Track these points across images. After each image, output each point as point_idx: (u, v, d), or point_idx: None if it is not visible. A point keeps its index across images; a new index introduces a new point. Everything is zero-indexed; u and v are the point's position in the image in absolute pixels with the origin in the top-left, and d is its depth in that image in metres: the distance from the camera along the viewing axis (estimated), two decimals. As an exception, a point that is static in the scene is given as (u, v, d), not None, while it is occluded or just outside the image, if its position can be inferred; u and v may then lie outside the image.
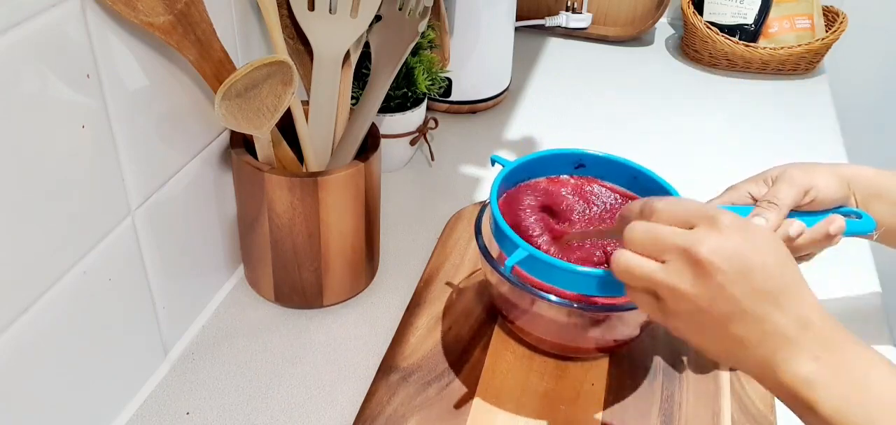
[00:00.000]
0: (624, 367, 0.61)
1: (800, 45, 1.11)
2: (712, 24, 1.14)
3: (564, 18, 1.21)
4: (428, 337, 0.63)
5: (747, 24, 1.14)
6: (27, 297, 0.44)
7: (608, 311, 0.56)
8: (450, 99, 0.98)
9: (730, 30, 1.14)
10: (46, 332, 0.46)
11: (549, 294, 0.55)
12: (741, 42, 1.12)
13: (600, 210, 0.63)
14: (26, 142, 0.42)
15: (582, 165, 0.65)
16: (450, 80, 0.95)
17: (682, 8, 1.18)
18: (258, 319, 0.65)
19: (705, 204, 0.46)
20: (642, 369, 0.61)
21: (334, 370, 0.61)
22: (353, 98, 0.68)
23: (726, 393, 0.59)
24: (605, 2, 1.22)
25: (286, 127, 0.64)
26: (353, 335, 0.64)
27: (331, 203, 0.60)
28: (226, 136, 0.64)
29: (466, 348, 0.62)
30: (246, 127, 0.56)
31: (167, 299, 0.59)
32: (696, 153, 0.95)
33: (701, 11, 1.17)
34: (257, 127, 0.56)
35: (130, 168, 0.52)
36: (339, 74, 0.65)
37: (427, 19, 0.68)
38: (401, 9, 0.67)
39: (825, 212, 0.57)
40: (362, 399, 0.58)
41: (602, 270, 0.52)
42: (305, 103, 0.66)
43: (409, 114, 0.83)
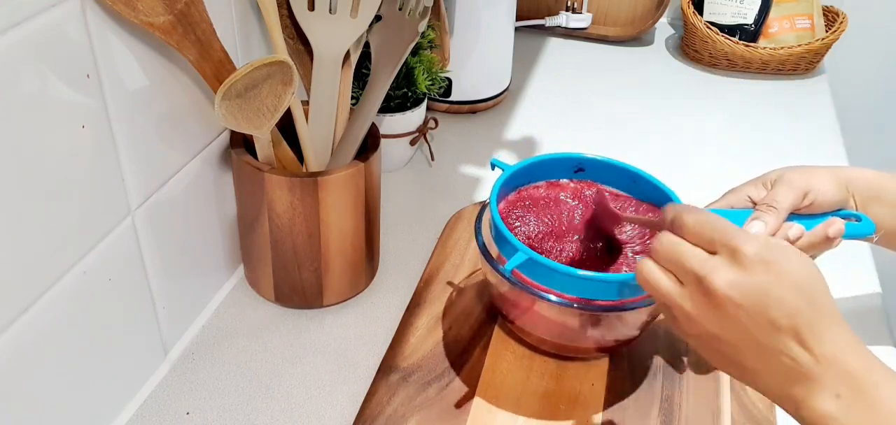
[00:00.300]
0: (624, 367, 0.61)
1: (800, 45, 1.11)
2: (712, 24, 1.14)
3: (564, 18, 1.21)
4: (428, 337, 0.63)
5: (747, 24, 1.14)
6: (27, 297, 0.44)
7: (608, 311, 0.56)
8: (450, 99, 0.98)
9: (730, 30, 1.14)
10: (46, 332, 0.46)
11: (549, 294, 0.55)
12: (741, 42, 1.12)
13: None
14: (26, 142, 0.42)
15: (581, 169, 0.65)
16: (450, 80, 0.95)
17: (682, 8, 1.18)
18: (258, 319, 0.65)
19: (736, 228, 0.44)
20: (642, 369, 0.61)
21: (334, 370, 0.61)
22: (353, 98, 0.68)
23: (726, 393, 0.59)
24: (605, 2, 1.22)
25: (286, 127, 0.64)
26: (353, 335, 0.64)
27: (331, 203, 0.60)
28: (226, 136, 0.64)
29: (466, 348, 0.62)
30: (246, 127, 0.56)
31: (167, 299, 0.59)
32: (696, 153, 0.95)
33: (701, 11, 1.17)
34: (257, 127, 0.56)
35: (130, 168, 0.52)
36: (339, 74, 0.65)
37: (427, 19, 0.68)
38: (401, 9, 0.67)
39: (824, 215, 0.57)
40: (362, 399, 0.58)
41: (601, 274, 0.53)
42: (305, 103, 0.66)
43: (409, 114, 0.83)
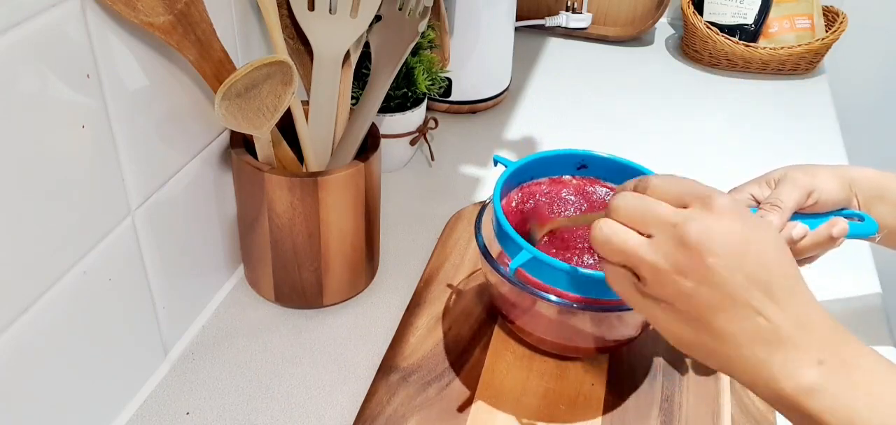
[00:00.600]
0: (624, 367, 0.61)
1: (800, 45, 1.11)
2: (712, 24, 1.14)
3: (564, 18, 1.21)
4: (428, 338, 0.63)
5: (747, 24, 1.14)
6: (27, 297, 0.44)
7: (608, 311, 0.56)
8: (450, 99, 0.98)
9: (730, 30, 1.14)
10: (46, 332, 0.46)
11: (549, 294, 0.55)
12: (741, 42, 1.12)
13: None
14: (26, 142, 0.42)
15: (584, 166, 0.65)
16: (450, 80, 0.95)
17: (682, 8, 1.18)
18: (258, 319, 0.65)
19: (704, 184, 0.41)
20: (642, 369, 0.61)
21: (334, 370, 0.61)
22: (353, 98, 0.68)
23: (726, 393, 0.59)
24: (605, 2, 1.22)
25: (286, 127, 0.64)
26: (353, 335, 0.64)
27: (331, 203, 0.60)
28: (226, 136, 0.64)
29: (466, 348, 0.62)
30: (246, 127, 0.56)
31: (167, 299, 0.59)
32: (696, 153, 0.95)
33: (701, 11, 1.17)
34: (257, 127, 0.56)
35: (130, 168, 0.52)
36: (339, 74, 0.65)
37: (427, 19, 0.68)
38: (401, 9, 0.67)
39: (827, 214, 0.56)
40: (362, 399, 0.58)
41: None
42: (305, 103, 0.66)
43: (409, 114, 0.83)
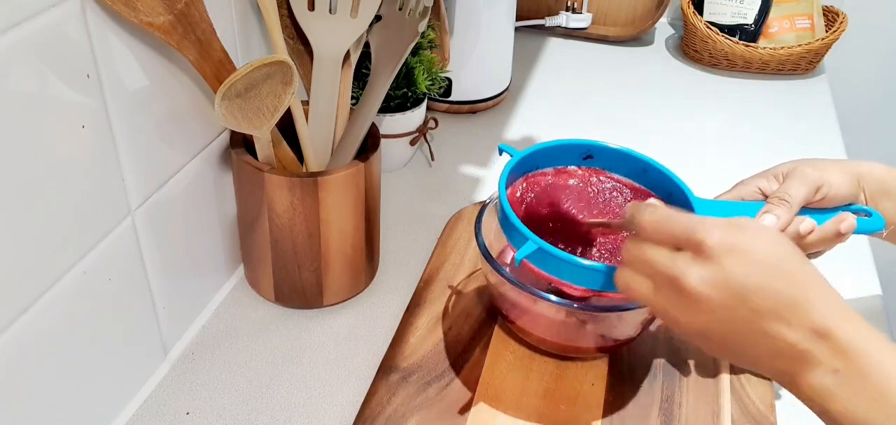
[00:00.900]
0: (624, 367, 0.61)
1: (800, 45, 1.11)
2: (712, 24, 1.14)
3: (564, 18, 1.21)
4: (428, 337, 0.63)
5: (747, 24, 1.14)
6: (27, 297, 0.44)
7: (608, 311, 0.56)
8: (450, 99, 0.98)
9: (730, 30, 1.14)
10: (46, 332, 0.46)
11: (549, 294, 0.55)
12: (741, 42, 1.12)
13: (604, 200, 0.63)
14: (26, 142, 0.42)
15: (590, 156, 0.65)
16: (450, 80, 0.95)
17: (682, 8, 1.18)
18: (258, 319, 0.65)
19: (693, 219, 0.43)
20: (642, 369, 0.61)
21: (334, 370, 0.61)
22: (352, 98, 0.68)
23: (726, 393, 0.59)
24: (605, 2, 1.22)
25: (286, 127, 0.64)
26: (353, 335, 0.64)
27: (331, 203, 0.60)
28: (226, 136, 0.64)
29: (466, 348, 0.62)
30: (246, 127, 0.56)
31: (167, 299, 0.59)
32: (696, 153, 0.95)
33: (701, 11, 1.17)
34: (257, 127, 0.56)
35: (130, 168, 0.52)
36: (339, 74, 0.65)
37: (427, 19, 0.68)
38: (401, 9, 0.67)
39: (835, 209, 0.56)
40: (362, 399, 0.58)
41: (611, 266, 0.52)
42: (305, 103, 0.66)
43: (409, 114, 0.83)
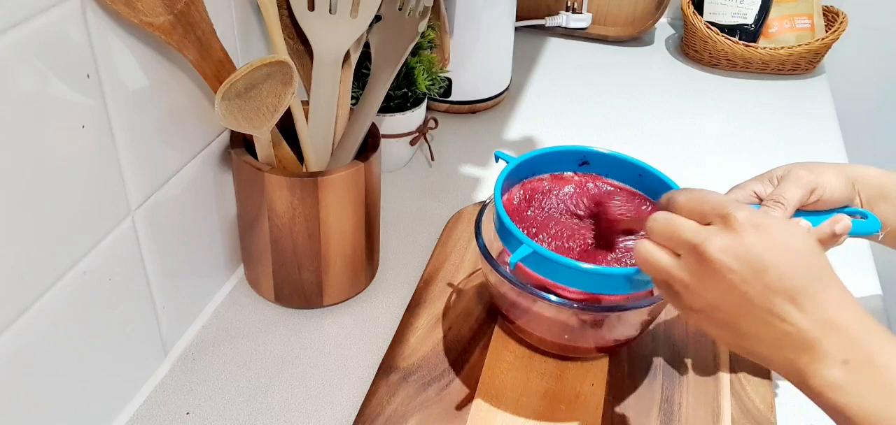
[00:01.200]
0: (624, 367, 0.61)
1: (800, 45, 1.11)
2: (712, 23, 1.14)
3: (564, 18, 1.21)
4: (428, 337, 0.63)
5: (747, 24, 1.14)
6: (27, 297, 0.44)
7: (608, 311, 0.56)
8: (450, 99, 0.98)
9: (730, 30, 1.14)
10: (47, 332, 0.46)
11: (549, 294, 0.55)
12: (741, 42, 1.12)
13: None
14: (26, 142, 0.42)
15: (586, 162, 0.65)
16: (450, 80, 0.95)
17: (682, 8, 1.17)
18: (258, 319, 0.65)
19: (727, 197, 0.45)
20: (642, 369, 0.61)
21: (334, 370, 0.61)
22: (352, 98, 0.68)
23: (726, 393, 0.59)
24: (605, 2, 1.22)
25: (286, 127, 0.64)
26: (353, 335, 0.64)
27: (331, 203, 0.60)
28: (226, 136, 0.64)
29: (466, 348, 0.62)
30: (246, 127, 0.56)
31: (167, 299, 0.59)
32: (696, 153, 0.95)
33: (701, 11, 1.17)
34: (257, 127, 0.56)
35: (130, 168, 0.52)
36: (339, 74, 0.65)
37: (427, 19, 0.68)
38: (401, 9, 0.67)
39: (830, 211, 0.56)
40: (362, 399, 0.58)
41: (607, 268, 0.52)
42: (305, 103, 0.66)
43: (409, 114, 0.83)
